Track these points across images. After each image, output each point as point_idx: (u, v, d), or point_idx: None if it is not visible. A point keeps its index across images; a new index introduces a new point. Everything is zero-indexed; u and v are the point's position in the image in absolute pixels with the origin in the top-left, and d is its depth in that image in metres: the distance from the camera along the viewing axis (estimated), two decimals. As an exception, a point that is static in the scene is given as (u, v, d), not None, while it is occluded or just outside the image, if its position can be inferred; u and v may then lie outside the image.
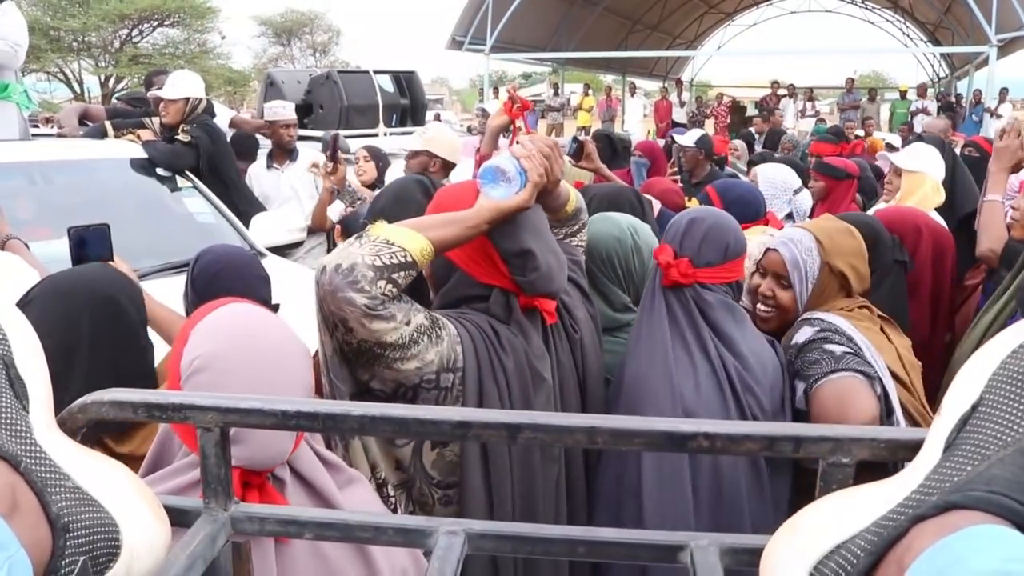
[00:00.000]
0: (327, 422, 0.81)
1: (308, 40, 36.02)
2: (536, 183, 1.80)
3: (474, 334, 1.77)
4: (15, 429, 0.81)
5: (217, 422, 0.83)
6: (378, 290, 1.57)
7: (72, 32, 25.92)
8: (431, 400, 1.69)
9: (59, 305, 1.71)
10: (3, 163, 4.26)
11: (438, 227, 1.73)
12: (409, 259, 1.63)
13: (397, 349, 1.62)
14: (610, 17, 25.90)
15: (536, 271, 1.79)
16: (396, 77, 8.43)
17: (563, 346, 1.94)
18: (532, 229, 1.83)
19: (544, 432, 0.81)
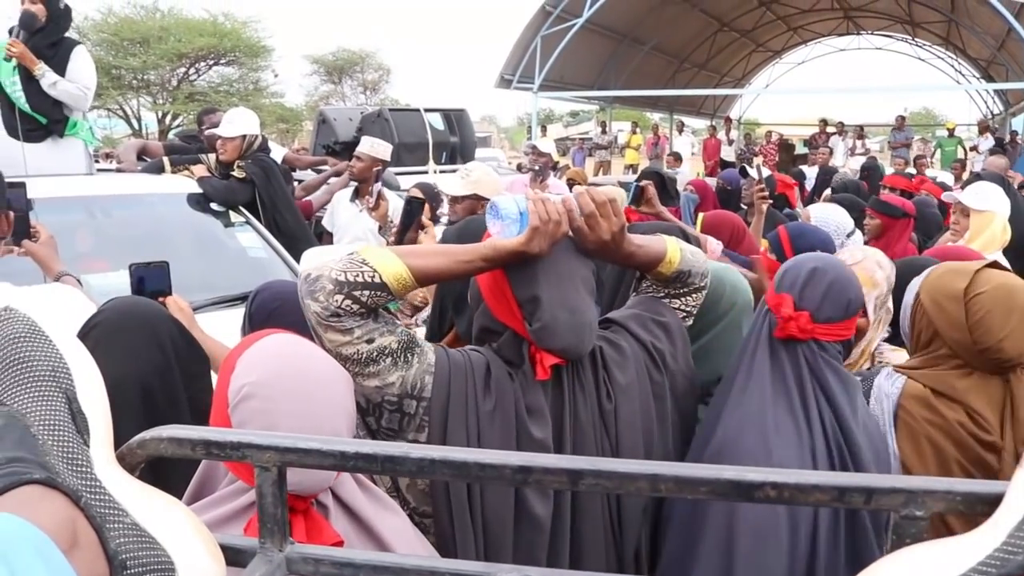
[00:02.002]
0: (386, 464, 0.81)
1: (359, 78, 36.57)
2: (536, 228, 1.73)
3: (455, 369, 1.75)
4: (76, 464, 0.81)
5: (275, 461, 0.82)
6: (334, 303, 1.61)
7: (132, 71, 26.63)
8: (394, 421, 1.70)
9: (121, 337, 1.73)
10: (65, 197, 4.35)
11: (424, 256, 1.74)
12: (378, 280, 1.64)
13: (354, 363, 1.64)
14: (658, 56, 25.97)
15: (539, 322, 1.75)
16: (446, 115, 8.52)
17: (586, 411, 1.83)
18: (554, 278, 1.77)
19: (606, 479, 0.79)
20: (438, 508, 1.71)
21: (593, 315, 1.85)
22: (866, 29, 29.75)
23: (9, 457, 0.78)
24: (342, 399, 1.41)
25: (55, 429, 0.83)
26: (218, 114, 6.39)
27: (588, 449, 1.82)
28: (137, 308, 1.85)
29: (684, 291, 2.01)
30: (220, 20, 28.02)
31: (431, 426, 1.71)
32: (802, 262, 1.98)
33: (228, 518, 1.25)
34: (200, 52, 27.33)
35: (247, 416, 1.28)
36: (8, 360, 0.87)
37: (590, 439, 1.82)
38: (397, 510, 1.49)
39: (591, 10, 20.03)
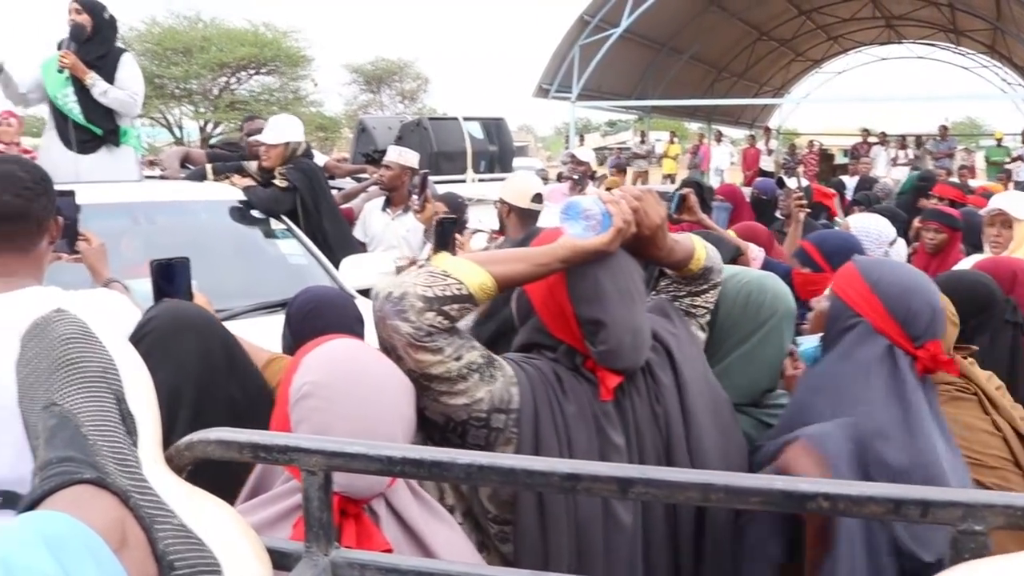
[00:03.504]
0: (433, 469, 0.80)
1: (397, 87, 36.80)
2: (620, 228, 1.73)
3: (534, 377, 1.72)
4: (125, 464, 0.82)
5: (322, 466, 0.82)
6: (425, 321, 1.55)
7: (175, 80, 27.00)
8: (480, 439, 1.64)
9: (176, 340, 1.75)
10: (111, 203, 4.42)
11: (504, 262, 1.69)
12: (464, 292, 1.60)
13: (444, 383, 1.59)
14: (696, 65, 25.87)
15: (604, 344, 1.72)
16: (485, 124, 8.54)
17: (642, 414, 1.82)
18: (616, 296, 1.75)
19: (656, 487, 0.78)
20: (525, 516, 1.67)
21: (649, 329, 1.83)
22: (908, 38, 29.39)
23: (61, 456, 0.79)
24: (401, 406, 1.40)
25: (105, 429, 0.83)
26: (258, 121, 6.46)
27: (647, 454, 1.81)
28: (188, 314, 1.86)
29: (704, 287, 2.03)
30: (261, 30, 28.33)
31: (521, 437, 1.67)
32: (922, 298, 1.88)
33: (280, 517, 1.26)
34: (241, 61, 27.65)
35: (305, 414, 1.30)
36: (60, 361, 0.88)
37: (648, 443, 1.82)
38: (451, 522, 1.47)
39: (629, 19, 20.00)
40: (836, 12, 25.97)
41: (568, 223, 1.75)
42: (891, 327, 1.85)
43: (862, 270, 1.94)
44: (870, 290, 1.89)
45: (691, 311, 2.04)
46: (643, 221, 1.80)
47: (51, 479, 0.77)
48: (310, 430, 1.29)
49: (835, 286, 1.99)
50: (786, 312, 2.22)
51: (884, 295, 1.87)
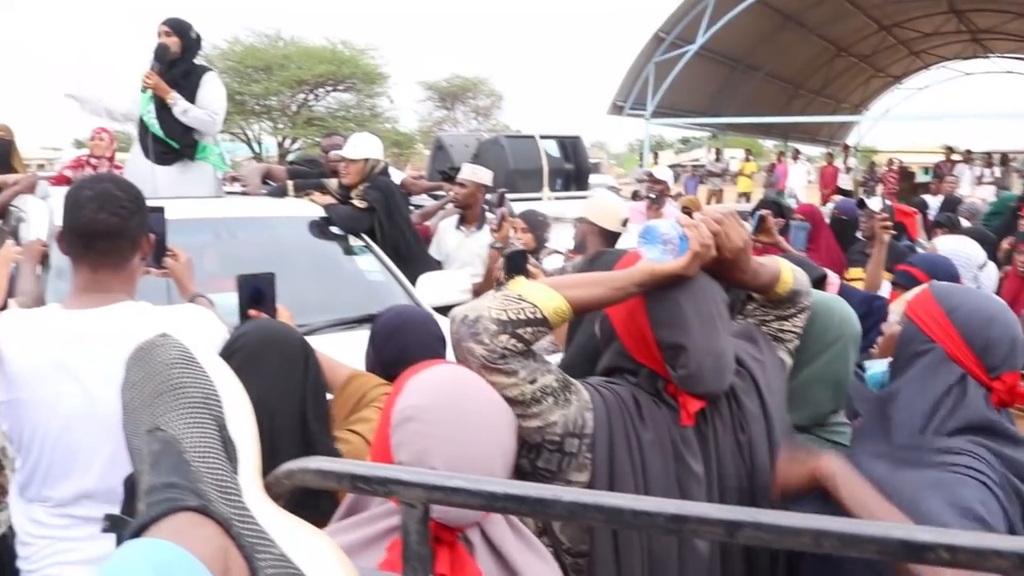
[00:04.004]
0: (535, 506, 0.78)
1: (471, 104, 37.09)
2: (697, 252, 1.71)
3: (610, 403, 1.71)
4: (227, 491, 0.82)
5: (421, 499, 0.81)
6: (499, 344, 1.57)
7: (255, 96, 27.62)
8: (553, 462, 1.65)
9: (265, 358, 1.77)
10: (194, 219, 4.51)
11: (580, 286, 1.70)
12: (539, 316, 1.61)
13: (518, 405, 1.59)
14: (772, 82, 25.55)
15: (685, 368, 1.71)
16: (561, 142, 8.53)
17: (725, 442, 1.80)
18: (697, 321, 1.73)
19: (766, 532, 0.75)
20: (600, 547, 1.67)
21: (732, 354, 1.81)
22: (995, 52, 28.55)
23: (165, 483, 0.79)
24: (502, 436, 1.41)
25: (207, 456, 0.83)
26: (336, 138, 6.56)
27: (730, 483, 1.79)
28: (277, 333, 1.88)
29: (792, 312, 2.00)
30: (339, 48, 28.84)
31: (595, 462, 1.67)
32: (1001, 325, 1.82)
33: (374, 539, 1.26)
34: (319, 79, 28.16)
35: (406, 438, 1.30)
36: (163, 386, 0.89)
37: (730, 472, 1.79)
38: (547, 556, 1.45)
39: (705, 36, 19.87)
40: (918, 27, 25.39)
41: (645, 247, 1.75)
42: (966, 356, 1.79)
43: (938, 295, 1.88)
44: (946, 316, 1.83)
45: (779, 336, 2.00)
46: (724, 244, 1.77)
47: (157, 505, 0.77)
48: (410, 454, 1.29)
49: (909, 310, 1.93)
50: (852, 335, 2.19)
51: (961, 323, 1.81)
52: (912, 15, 24.49)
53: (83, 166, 7.36)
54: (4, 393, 2.13)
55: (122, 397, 0.94)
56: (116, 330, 2.13)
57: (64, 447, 2.13)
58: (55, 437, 2.13)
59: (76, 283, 2.22)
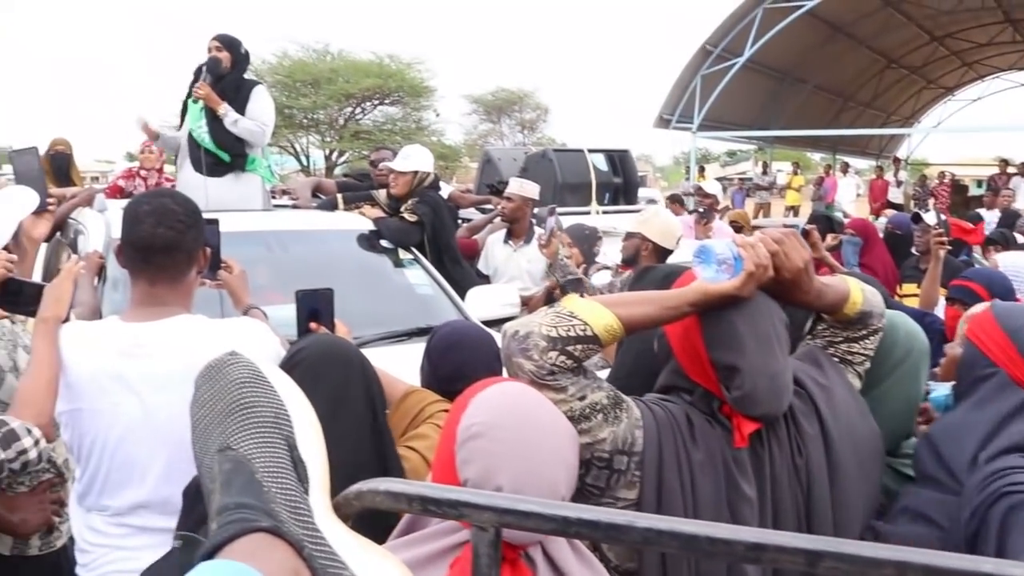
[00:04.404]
0: (609, 532, 0.77)
1: (517, 117, 37.17)
2: (752, 272, 1.69)
3: (661, 421, 1.69)
4: (298, 512, 0.81)
5: (493, 522, 0.80)
6: (548, 360, 1.58)
7: (303, 110, 27.94)
8: (602, 479, 1.65)
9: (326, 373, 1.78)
10: (245, 231, 4.56)
11: (632, 304, 1.70)
12: (589, 333, 1.61)
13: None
14: (821, 95, 25.29)
15: (739, 390, 1.68)
16: (610, 155, 8.51)
17: (782, 466, 1.76)
18: (753, 341, 1.70)
19: (849, 563, 0.72)
20: (648, 566, 1.66)
21: (790, 376, 1.77)
22: (1052, 63, 28.02)
23: (238, 503, 0.79)
24: (566, 453, 1.41)
25: (278, 476, 0.83)
26: (385, 151, 6.61)
27: (785, 507, 1.75)
28: (336, 348, 1.89)
29: (863, 333, 1.94)
30: (386, 62, 29.05)
31: (644, 481, 1.66)
32: None
33: (436, 556, 1.26)
34: (366, 92, 28.38)
35: (471, 455, 1.30)
36: (234, 405, 0.89)
37: (786, 496, 1.76)
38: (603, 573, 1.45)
39: (752, 49, 19.73)
40: (972, 37, 24.98)
41: (700, 266, 1.73)
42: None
43: (999, 317, 1.83)
44: (1008, 339, 1.79)
45: (848, 358, 1.95)
46: (783, 265, 1.74)
47: (229, 526, 0.77)
48: (477, 471, 1.29)
49: (969, 332, 1.89)
50: (921, 351, 2.12)
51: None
52: (966, 25, 24.09)
53: (134, 177, 7.50)
54: (66, 403, 2.17)
55: (191, 414, 0.94)
56: (173, 343, 2.16)
57: (121, 457, 2.16)
58: (113, 447, 2.16)
59: (134, 296, 2.25)
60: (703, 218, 7.53)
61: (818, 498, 1.78)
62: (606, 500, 1.66)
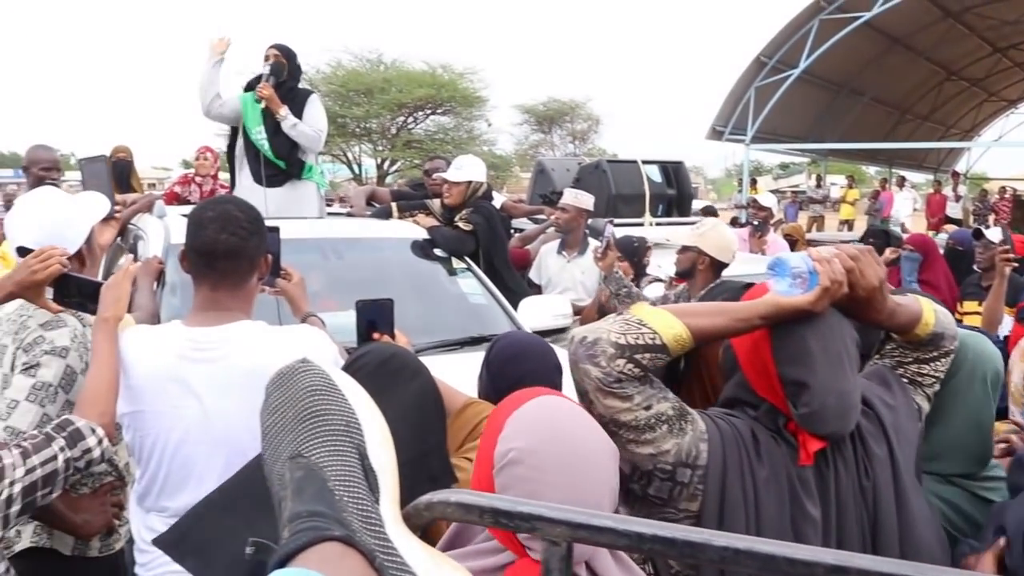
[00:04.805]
0: (685, 549, 0.76)
1: (568, 128, 37.14)
2: (826, 288, 1.66)
3: (727, 435, 1.67)
4: (370, 522, 0.81)
5: (566, 537, 0.79)
6: (615, 368, 1.57)
7: (356, 119, 28.20)
8: (664, 490, 1.63)
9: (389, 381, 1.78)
10: (300, 238, 4.61)
11: (701, 315, 1.68)
12: (658, 342, 1.60)
13: (631, 430, 1.59)
14: (877, 107, 24.94)
15: (807, 407, 1.65)
16: (664, 167, 8.48)
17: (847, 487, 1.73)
18: (823, 358, 1.67)
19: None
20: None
21: (859, 395, 1.74)
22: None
23: (310, 511, 0.79)
24: (608, 474, 1.37)
25: (350, 485, 0.83)
26: (438, 161, 6.65)
27: (850, 529, 1.72)
28: (397, 357, 1.89)
29: (934, 355, 1.90)
30: (439, 72, 29.24)
31: (706, 495, 1.63)
32: None
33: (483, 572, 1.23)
34: (419, 102, 28.55)
35: (511, 482, 1.26)
36: (305, 412, 0.89)
37: (852, 517, 1.73)
38: None
39: (808, 60, 19.53)
40: (1037, 48, 24.47)
41: (774, 279, 1.71)
42: None
43: None
44: None
45: (917, 379, 1.91)
46: (858, 282, 1.71)
47: (302, 534, 0.76)
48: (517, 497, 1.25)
49: None
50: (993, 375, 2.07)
51: None
52: (1029, 37, 23.64)
53: (190, 183, 7.65)
54: (128, 405, 2.20)
55: (261, 421, 0.94)
56: (234, 348, 2.18)
57: (180, 460, 2.18)
58: (173, 449, 2.18)
59: (196, 301, 2.27)
60: (757, 231, 7.43)
61: (885, 521, 1.74)
62: (669, 511, 1.64)
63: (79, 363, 2.38)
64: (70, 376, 2.35)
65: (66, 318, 2.43)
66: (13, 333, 2.41)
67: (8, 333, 2.42)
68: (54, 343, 2.36)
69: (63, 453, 1.94)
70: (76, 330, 2.42)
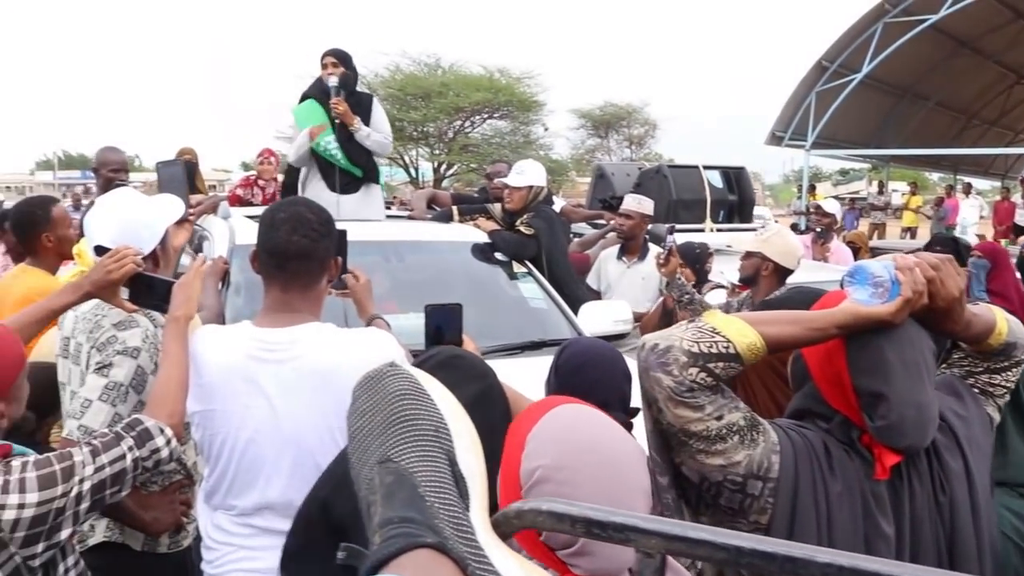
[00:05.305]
0: (786, 565, 0.73)
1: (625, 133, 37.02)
2: (909, 299, 1.61)
3: (799, 448, 1.63)
4: (461, 529, 0.80)
5: (660, 548, 0.78)
6: (688, 376, 1.54)
7: (413, 123, 28.40)
8: (734, 503, 1.59)
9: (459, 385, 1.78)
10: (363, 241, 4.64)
11: (777, 324, 1.64)
12: (732, 351, 1.57)
13: (702, 440, 1.56)
14: (942, 112, 24.45)
15: (884, 419, 1.60)
16: (725, 173, 8.41)
17: (922, 502, 1.69)
18: (901, 369, 1.62)
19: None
20: None
21: (936, 407, 1.69)
22: None
23: (402, 517, 0.78)
24: (640, 477, 1.35)
25: (441, 491, 0.82)
26: (500, 165, 6.66)
27: (925, 547, 1.67)
28: (465, 361, 1.89)
29: (1006, 365, 1.85)
30: (496, 76, 29.35)
31: (776, 508, 1.60)
32: None
33: None
34: (476, 106, 28.69)
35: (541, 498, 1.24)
36: (394, 417, 0.88)
37: (927, 534, 1.68)
38: None
39: (871, 65, 19.22)
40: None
41: (854, 287, 1.66)
42: None
43: None
44: None
45: (988, 390, 1.86)
46: (938, 293, 1.67)
47: (394, 540, 0.76)
48: None
49: None
50: None
51: None
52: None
53: (251, 186, 7.74)
54: (198, 403, 2.22)
55: (349, 424, 0.94)
56: (303, 349, 2.19)
57: (249, 459, 2.20)
58: (241, 448, 2.20)
59: (266, 302, 2.29)
60: (820, 238, 7.31)
61: (963, 538, 1.70)
62: (740, 521, 1.61)
63: (150, 364, 2.42)
64: (141, 376, 2.39)
65: (138, 319, 2.47)
66: (88, 332, 2.46)
67: (83, 332, 2.47)
68: (126, 343, 2.40)
69: (131, 453, 1.97)
70: (148, 331, 2.46)
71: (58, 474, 1.82)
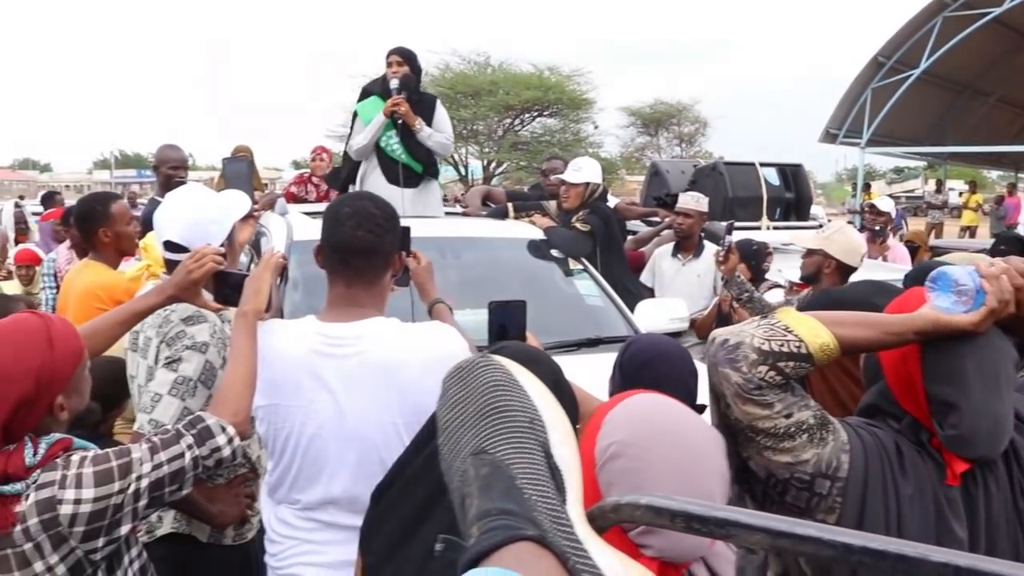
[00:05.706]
0: (898, 564, 0.71)
1: (675, 131, 36.76)
2: (994, 308, 1.56)
3: (870, 448, 1.59)
4: (560, 522, 0.79)
5: (764, 545, 0.76)
6: (757, 374, 1.51)
7: (463, 121, 28.47)
8: (801, 501, 1.55)
9: None
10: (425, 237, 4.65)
11: (852, 326, 1.60)
12: (803, 351, 1.54)
13: (770, 437, 1.53)
14: (1003, 108, 23.88)
15: (955, 429, 1.55)
16: (782, 170, 8.30)
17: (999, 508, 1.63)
18: (978, 380, 1.57)
19: None
20: None
21: (1012, 417, 1.63)
22: None
23: (500, 509, 0.77)
24: (716, 462, 1.35)
25: (537, 484, 0.81)
26: (556, 162, 6.65)
27: (1002, 551, 1.61)
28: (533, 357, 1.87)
29: None
30: (545, 74, 29.31)
31: (844, 508, 1.56)
32: None
33: None
34: (525, 104, 28.68)
35: (613, 477, 1.25)
36: (488, 408, 0.87)
37: (1004, 541, 1.63)
38: None
39: (930, 60, 18.84)
40: None
41: (936, 294, 1.61)
42: None
43: None
44: None
45: None
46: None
47: (494, 532, 0.75)
48: (623, 492, 1.23)
49: None
50: None
51: None
52: None
53: (305, 183, 7.82)
54: (264, 398, 2.22)
55: (439, 416, 0.93)
56: (368, 344, 2.19)
57: (314, 454, 2.21)
58: (306, 443, 2.20)
59: (330, 297, 2.29)
60: (878, 236, 7.19)
61: None
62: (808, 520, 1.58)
63: (217, 359, 2.43)
64: (210, 371, 2.41)
65: (206, 314, 2.48)
66: (157, 327, 2.48)
67: (152, 326, 2.50)
68: (195, 338, 2.42)
69: (191, 451, 1.93)
70: (216, 326, 2.48)
71: (115, 470, 1.81)
